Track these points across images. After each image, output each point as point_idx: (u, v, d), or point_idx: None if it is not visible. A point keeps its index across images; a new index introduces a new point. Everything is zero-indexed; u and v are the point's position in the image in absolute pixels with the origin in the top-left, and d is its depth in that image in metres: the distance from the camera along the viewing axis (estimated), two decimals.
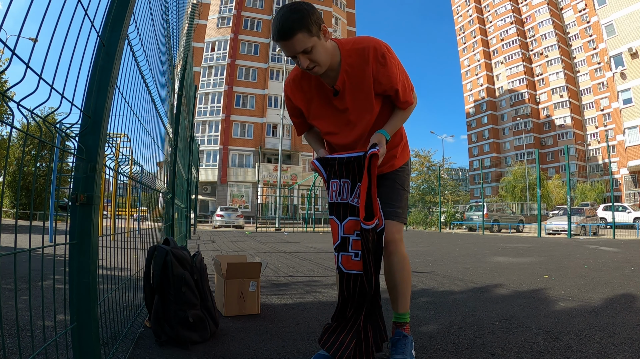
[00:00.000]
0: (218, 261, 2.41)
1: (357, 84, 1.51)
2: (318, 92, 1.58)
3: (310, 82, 1.59)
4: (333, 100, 1.56)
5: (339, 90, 1.53)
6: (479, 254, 6.49)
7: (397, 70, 1.51)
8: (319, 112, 1.62)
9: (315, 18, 1.37)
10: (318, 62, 1.42)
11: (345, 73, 1.50)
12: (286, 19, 1.34)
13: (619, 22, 26.02)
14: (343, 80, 1.51)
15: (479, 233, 16.10)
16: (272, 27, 1.40)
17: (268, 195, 28.36)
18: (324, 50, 1.42)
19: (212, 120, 34.90)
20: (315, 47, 1.38)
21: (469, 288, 3.30)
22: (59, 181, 7.52)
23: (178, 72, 4.16)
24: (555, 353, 1.69)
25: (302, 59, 1.40)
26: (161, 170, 3.53)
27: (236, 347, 1.74)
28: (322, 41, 1.41)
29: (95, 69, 1.22)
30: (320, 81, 1.56)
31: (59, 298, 1.95)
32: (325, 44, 1.43)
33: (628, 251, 6.88)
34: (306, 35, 1.35)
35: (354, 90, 1.52)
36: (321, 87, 1.57)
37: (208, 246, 7.67)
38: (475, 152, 63.14)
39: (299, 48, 1.36)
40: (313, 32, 1.36)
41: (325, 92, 1.57)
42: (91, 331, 1.17)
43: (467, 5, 65.59)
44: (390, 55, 1.48)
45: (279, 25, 1.34)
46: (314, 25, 1.36)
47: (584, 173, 48.28)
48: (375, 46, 1.46)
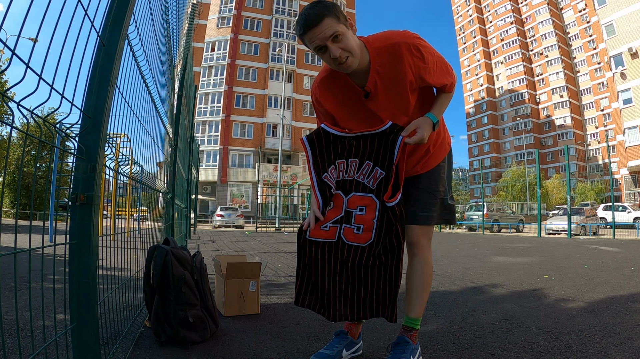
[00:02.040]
0: (218, 261, 2.41)
1: (390, 85, 1.43)
2: (348, 93, 1.50)
3: (339, 83, 1.50)
4: (365, 102, 1.49)
5: (370, 92, 1.45)
6: (479, 254, 6.49)
7: (435, 58, 1.43)
8: (350, 115, 1.54)
9: (340, 10, 1.34)
10: (350, 51, 1.33)
11: (377, 74, 1.41)
12: (312, 8, 1.30)
13: (619, 22, 26.02)
14: (374, 81, 1.43)
15: (479, 233, 16.10)
16: (296, 25, 1.34)
17: (268, 195, 28.34)
18: (353, 40, 1.34)
19: (212, 120, 34.90)
20: (345, 34, 1.31)
21: (469, 288, 3.30)
22: (59, 182, 7.52)
23: (178, 72, 4.16)
24: (555, 353, 1.69)
25: (333, 47, 1.31)
26: (161, 170, 3.53)
27: (236, 347, 1.74)
28: (351, 32, 1.35)
29: (95, 69, 1.22)
30: (350, 82, 1.47)
31: (59, 298, 1.95)
32: (354, 36, 1.36)
33: (628, 251, 6.88)
34: (334, 20, 1.30)
35: (386, 91, 1.45)
36: (351, 88, 1.48)
37: (208, 246, 7.67)
38: (475, 152, 63.15)
39: (329, 32, 1.29)
40: (341, 19, 1.31)
41: (356, 94, 1.49)
42: (91, 331, 1.17)
43: (467, 5, 65.59)
44: (425, 47, 1.40)
45: (305, 15, 1.30)
46: (340, 14, 1.32)
47: (584, 173, 48.31)
48: (406, 41, 1.37)
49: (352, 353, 1.63)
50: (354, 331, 1.65)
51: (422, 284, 1.57)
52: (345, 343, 1.61)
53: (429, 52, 1.41)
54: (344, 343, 1.61)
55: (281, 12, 37.35)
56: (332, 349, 1.57)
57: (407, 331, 1.55)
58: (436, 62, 1.43)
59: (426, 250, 1.58)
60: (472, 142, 64.45)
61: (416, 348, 1.53)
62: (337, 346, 1.59)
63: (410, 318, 1.56)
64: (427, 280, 1.58)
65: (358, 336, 1.68)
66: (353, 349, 1.64)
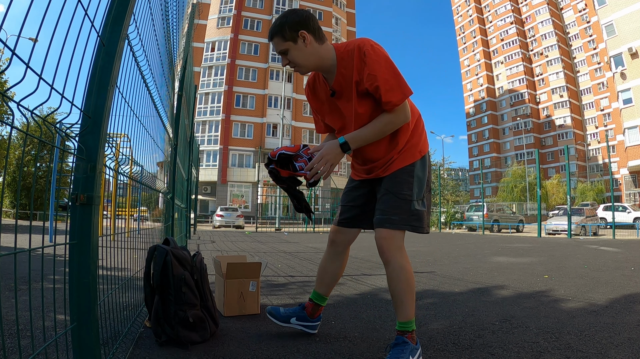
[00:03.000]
0: (218, 261, 2.41)
1: (347, 86, 1.58)
2: (326, 93, 1.68)
3: (321, 84, 1.69)
4: (335, 101, 1.65)
5: (336, 91, 1.63)
6: (479, 254, 6.49)
7: (380, 66, 1.49)
8: (329, 112, 1.72)
9: (292, 26, 1.52)
10: (295, 63, 1.57)
11: (341, 75, 1.58)
12: (271, 26, 1.58)
13: (619, 22, 26.02)
14: (339, 82, 1.60)
15: (479, 233, 16.10)
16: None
17: (268, 195, 28.33)
18: (300, 54, 1.55)
19: (212, 120, 34.90)
20: (290, 50, 1.54)
21: (469, 288, 3.30)
22: (59, 182, 7.52)
23: (178, 72, 4.16)
24: (555, 353, 1.69)
25: (282, 59, 1.59)
26: (161, 170, 3.53)
27: (236, 347, 1.74)
28: (300, 45, 1.54)
29: (95, 69, 1.22)
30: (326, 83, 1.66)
31: (59, 298, 1.95)
32: (305, 49, 1.54)
33: (628, 251, 6.88)
34: (280, 40, 1.54)
35: (345, 91, 1.60)
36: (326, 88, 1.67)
37: (208, 246, 7.67)
38: (475, 152, 63.15)
39: (277, 49, 1.57)
40: (287, 37, 1.53)
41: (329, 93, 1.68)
42: (91, 331, 1.17)
43: (467, 5, 65.60)
44: (374, 52, 1.49)
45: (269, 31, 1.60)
46: (288, 32, 1.53)
47: (584, 173, 48.27)
48: (359, 45, 1.51)
49: (302, 326, 1.89)
50: (311, 311, 1.89)
51: (402, 289, 1.58)
52: (299, 314, 1.88)
53: (376, 58, 1.49)
54: (298, 313, 1.88)
55: (281, 12, 37.23)
56: (287, 311, 1.89)
57: (402, 334, 1.57)
58: (382, 71, 1.49)
59: (395, 255, 1.58)
60: (472, 142, 64.45)
61: (416, 348, 1.54)
62: (290, 312, 1.89)
63: (402, 322, 1.58)
64: (407, 283, 1.59)
65: (316, 317, 1.90)
66: (304, 323, 1.89)
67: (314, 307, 1.88)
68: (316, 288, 1.90)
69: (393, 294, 1.60)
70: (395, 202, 1.59)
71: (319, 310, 1.89)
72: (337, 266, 1.87)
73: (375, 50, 1.49)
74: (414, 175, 1.63)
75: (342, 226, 1.82)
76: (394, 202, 1.59)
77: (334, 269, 1.87)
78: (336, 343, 1.82)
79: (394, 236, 1.58)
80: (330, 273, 1.87)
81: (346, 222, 1.81)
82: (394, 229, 1.58)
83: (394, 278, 1.59)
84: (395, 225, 1.58)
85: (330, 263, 1.87)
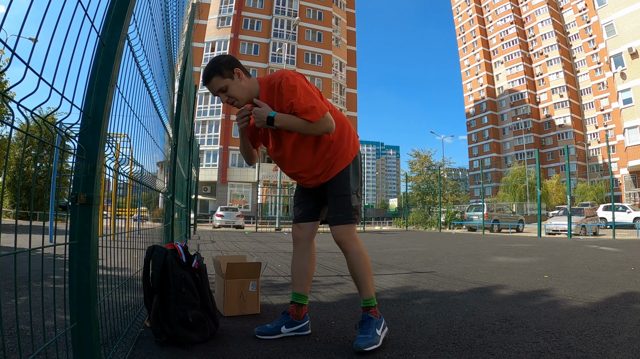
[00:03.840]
0: (218, 261, 2.41)
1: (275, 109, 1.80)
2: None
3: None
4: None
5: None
6: (479, 254, 6.49)
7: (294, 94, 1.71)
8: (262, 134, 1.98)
9: (227, 65, 1.77)
10: (235, 97, 1.79)
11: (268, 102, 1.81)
12: (205, 69, 1.79)
13: (619, 22, 26.02)
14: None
15: (479, 233, 16.10)
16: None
17: (268, 195, 28.34)
18: (238, 88, 1.79)
19: (212, 120, 34.89)
20: (229, 86, 1.78)
21: (469, 288, 3.30)
22: (59, 182, 7.52)
23: (178, 72, 4.16)
24: (555, 353, 1.69)
25: (221, 96, 1.80)
26: (161, 170, 3.53)
27: (236, 347, 1.74)
28: (236, 81, 1.78)
29: (95, 69, 1.22)
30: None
31: (59, 298, 1.95)
32: (240, 83, 1.79)
33: (628, 251, 6.88)
34: (219, 78, 1.76)
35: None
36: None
37: (208, 246, 7.67)
38: (475, 152, 63.14)
39: (216, 87, 1.78)
40: (225, 75, 1.77)
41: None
42: (91, 331, 1.17)
43: (467, 5, 65.58)
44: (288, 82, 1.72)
45: (202, 74, 1.81)
46: (225, 70, 1.76)
47: (584, 173, 48.29)
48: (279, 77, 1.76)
49: (294, 331, 1.94)
50: (295, 313, 1.95)
51: (361, 272, 1.88)
52: (285, 321, 1.93)
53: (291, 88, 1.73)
54: (285, 321, 1.94)
55: (281, 12, 37.36)
56: (274, 324, 1.93)
57: (367, 310, 1.86)
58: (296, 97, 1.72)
59: (351, 244, 1.88)
60: (472, 142, 64.44)
61: (380, 321, 1.83)
62: (278, 323, 1.93)
63: (365, 299, 1.88)
64: (365, 266, 1.89)
65: (302, 317, 1.96)
66: (294, 328, 1.94)
67: (297, 308, 1.96)
68: (293, 289, 2.01)
69: (355, 277, 1.90)
70: (340, 202, 1.87)
71: (303, 310, 1.97)
72: (306, 262, 2.01)
73: (290, 80, 1.72)
74: (349, 176, 1.90)
75: (300, 222, 2.02)
76: (339, 202, 1.87)
77: (303, 265, 2.01)
78: (336, 343, 1.82)
79: (347, 230, 1.87)
80: (301, 270, 2.00)
81: (302, 217, 2.01)
82: (344, 224, 1.86)
83: (354, 264, 1.88)
84: (343, 221, 1.87)
85: (299, 259, 2.01)
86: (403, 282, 3.59)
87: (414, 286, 3.38)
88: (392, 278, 3.84)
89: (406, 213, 24.02)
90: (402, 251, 6.90)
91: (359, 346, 1.67)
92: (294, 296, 1.99)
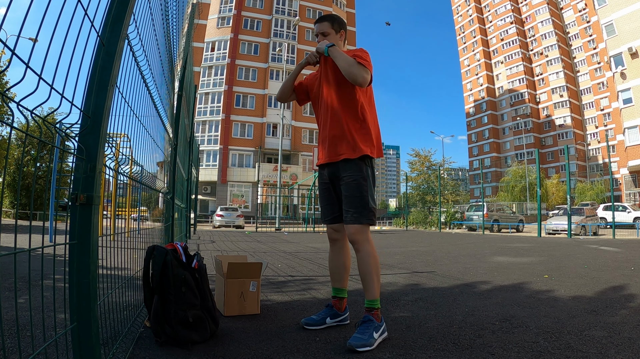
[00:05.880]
0: (219, 260, 2.41)
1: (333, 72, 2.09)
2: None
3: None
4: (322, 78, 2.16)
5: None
6: (479, 254, 6.49)
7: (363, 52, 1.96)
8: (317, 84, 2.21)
9: (341, 23, 2.14)
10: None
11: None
12: (325, 14, 2.15)
13: (619, 22, 26.02)
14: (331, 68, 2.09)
15: (479, 233, 16.09)
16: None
17: (268, 195, 28.34)
18: (335, 41, 2.09)
19: (212, 120, 34.89)
20: (331, 35, 2.10)
21: (469, 288, 3.30)
22: (59, 182, 7.52)
23: (178, 72, 4.16)
24: (555, 353, 1.69)
25: (320, 38, 2.10)
26: (161, 170, 3.53)
27: (236, 347, 1.74)
28: (337, 37, 2.12)
29: (95, 69, 1.22)
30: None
31: (59, 298, 1.95)
32: (338, 41, 2.12)
33: (628, 251, 6.88)
34: (329, 25, 2.11)
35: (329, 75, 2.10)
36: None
37: (208, 246, 7.67)
38: (475, 151, 63.13)
39: (321, 29, 2.11)
40: (335, 27, 2.12)
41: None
42: (91, 331, 1.17)
43: (467, 5, 65.57)
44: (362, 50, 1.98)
45: (319, 16, 2.22)
46: (337, 24, 2.13)
47: (584, 173, 48.30)
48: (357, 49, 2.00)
49: (337, 322, 2.10)
50: (338, 306, 2.12)
51: (370, 272, 1.93)
52: (330, 313, 2.10)
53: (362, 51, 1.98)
54: (329, 313, 2.10)
55: (281, 12, 37.34)
56: (319, 316, 2.09)
57: (369, 311, 1.88)
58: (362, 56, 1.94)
59: (364, 244, 1.95)
60: (472, 142, 64.42)
61: (380, 325, 1.84)
62: (323, 314, 2.09)
63: (369, 300, 1.91)
64: (374, 267, 1.94)
65: (344, 309, 2.14)
66: (338, 319, 2.11)
67: (339, 301, 2.13)
68: (333, 284, 2.17)
69: (363, 276, 1.95)
70: (357, 202, 1.95)
71: (344, 302, 2.14)
72: (345, 258, 2.15)
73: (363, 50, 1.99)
74: (367, 178, 1.98)
75: (333, 223, 2.12)
76: (356, 202, 1.95)
77: (343, 261, 2.15)
78: (336, 343, 1.82)
79: (361, 230, 1.94)
80: (340, 266, 2.15)
81: (331, 220, 2.13)
82: (360, 224, 1.94)
83: (364, 263, 1.94)
84: (359, 220, 1.94)
85: (337, 257, 2.16)
86: (403, 282, 3.59)
87: (414, 286, 3.38)
88: (392, 278, 3.84)
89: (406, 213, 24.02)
90: (402, 251, 6.90)
91: (351, 345, 1.70)
92: (334, 291, 2.15)
